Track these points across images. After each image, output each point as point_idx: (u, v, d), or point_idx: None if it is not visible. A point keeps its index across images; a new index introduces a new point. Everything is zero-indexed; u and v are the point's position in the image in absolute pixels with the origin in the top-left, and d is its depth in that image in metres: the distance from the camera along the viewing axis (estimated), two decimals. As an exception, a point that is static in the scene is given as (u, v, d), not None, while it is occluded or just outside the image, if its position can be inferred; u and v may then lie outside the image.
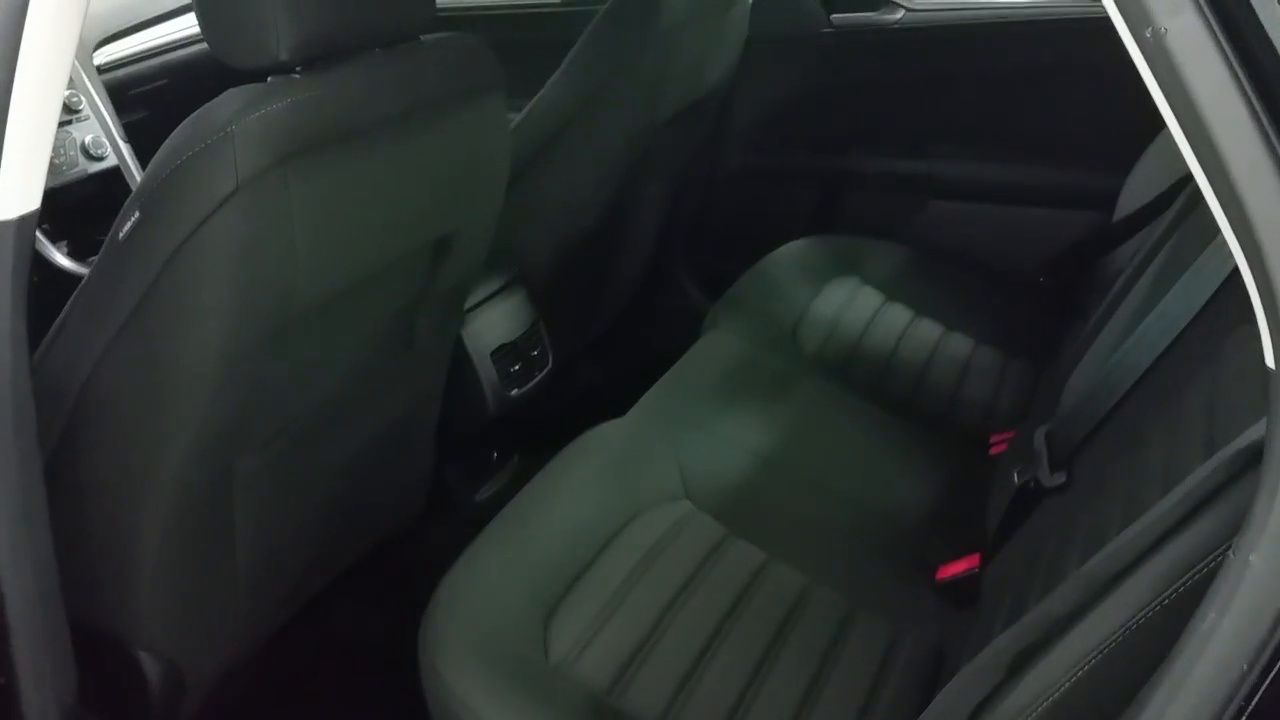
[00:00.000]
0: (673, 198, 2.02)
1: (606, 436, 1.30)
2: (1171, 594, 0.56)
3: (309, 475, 1.20)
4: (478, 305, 1.58)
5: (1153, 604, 0.57)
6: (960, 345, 1.67)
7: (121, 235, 0.88)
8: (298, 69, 0.90)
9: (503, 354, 1.59)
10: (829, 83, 2.09)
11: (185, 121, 0.87)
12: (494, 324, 1.59)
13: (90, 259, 1.62)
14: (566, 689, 0.97)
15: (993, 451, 1.43)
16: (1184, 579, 0.56)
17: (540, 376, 1.66)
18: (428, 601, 1.05)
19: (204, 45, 1.98)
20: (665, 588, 1.09)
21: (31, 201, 0.77)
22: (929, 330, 1.69)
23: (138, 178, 1.71)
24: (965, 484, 1.36)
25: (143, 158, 1.73)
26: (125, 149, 1.70)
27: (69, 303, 0.96)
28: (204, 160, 0.83)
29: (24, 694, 0.87)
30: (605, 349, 2.12)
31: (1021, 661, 0.66)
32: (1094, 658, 0.60)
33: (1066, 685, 0.62)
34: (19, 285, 0.77)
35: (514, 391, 1.60)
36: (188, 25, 2.00)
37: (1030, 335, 1.69)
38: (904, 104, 2.05)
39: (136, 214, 0.87)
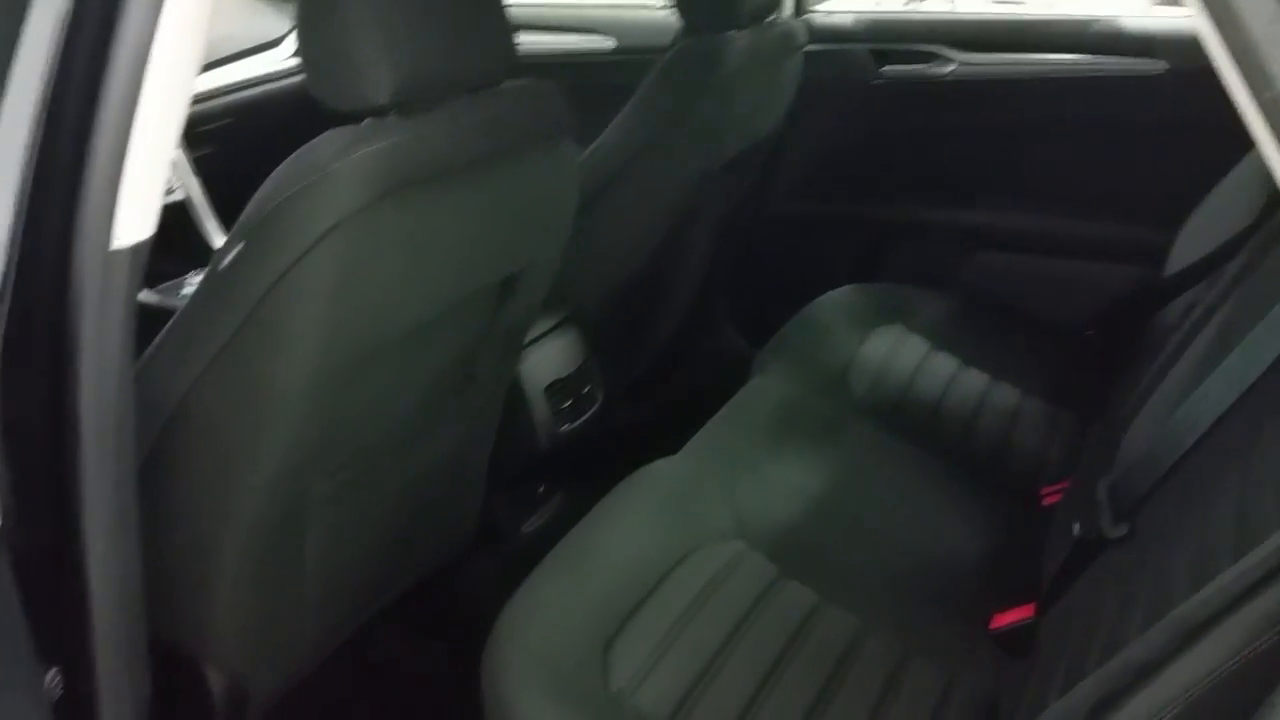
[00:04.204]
0: (719, 241, 2.05)
1: (661, 473, 1.32)
2: (1266, 641, 0.57)
3: (372, 502, 1.22)
4: (533, 341, 1.61)
5: (1245, 650, 0.57)
6: (1008, 395, 1.67)
7: (223, 266, 0.92)
8: (392, 113, 0.94)
9: (555, 390, 1.61)
10: (878, 132, 2.12)
11: (288, 160, 0.91)
12: (548, 360, 1.62)
13: (159, 287, 1.67)
14: (628, 717, 0.98)
15: (1045, 503, 1.43)
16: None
17: (590, 413, 1.68)
18: (474, 629, 1.06)
19: (266, 88, 2.09)
20: (721, 624, 1.10)
21: (147, 229, 0.81)
22: (976, 379, 1.70)
23: (205, 210, 1.77)
24: (1018, 533, 1.36)
25: (209, 191, 1.79)
26: (195, 183, 1.76)
27: (166, 327, 1.00)
28: (307, 197, 0.87)
29: (103, 704, 0.89)
30: (647, 388, 2.14)
31: (1103, 708, 0.66)
32: (1179, 705, 0.60)
33: None
34: (129, 310, 0.80)
35: (564, 427, 1.63)
36: (250, 69, 2.10)
37: (1078, 388, 1.69)
38: (953, 155, 2.08)
39: (240, 245, 0.91)
